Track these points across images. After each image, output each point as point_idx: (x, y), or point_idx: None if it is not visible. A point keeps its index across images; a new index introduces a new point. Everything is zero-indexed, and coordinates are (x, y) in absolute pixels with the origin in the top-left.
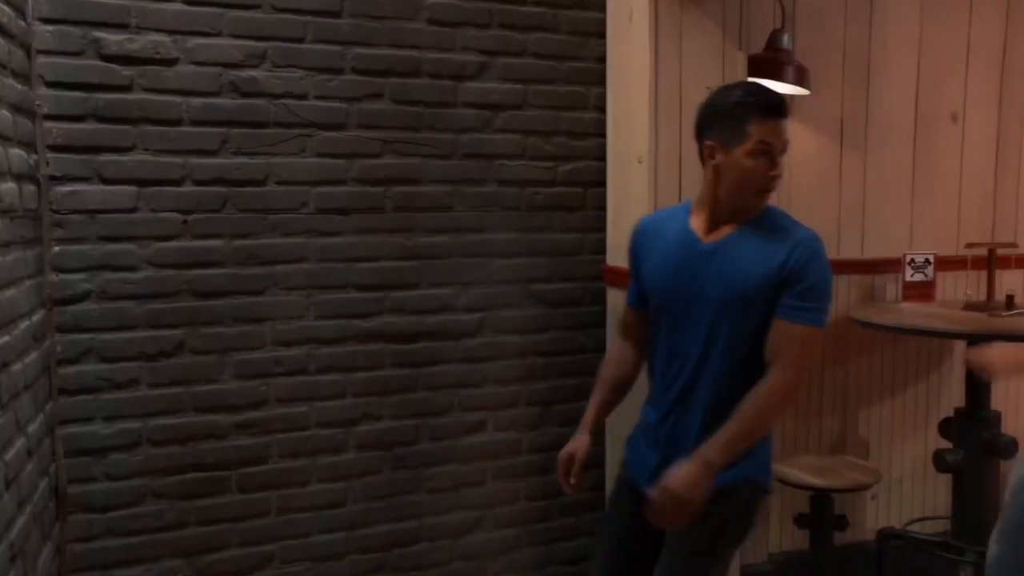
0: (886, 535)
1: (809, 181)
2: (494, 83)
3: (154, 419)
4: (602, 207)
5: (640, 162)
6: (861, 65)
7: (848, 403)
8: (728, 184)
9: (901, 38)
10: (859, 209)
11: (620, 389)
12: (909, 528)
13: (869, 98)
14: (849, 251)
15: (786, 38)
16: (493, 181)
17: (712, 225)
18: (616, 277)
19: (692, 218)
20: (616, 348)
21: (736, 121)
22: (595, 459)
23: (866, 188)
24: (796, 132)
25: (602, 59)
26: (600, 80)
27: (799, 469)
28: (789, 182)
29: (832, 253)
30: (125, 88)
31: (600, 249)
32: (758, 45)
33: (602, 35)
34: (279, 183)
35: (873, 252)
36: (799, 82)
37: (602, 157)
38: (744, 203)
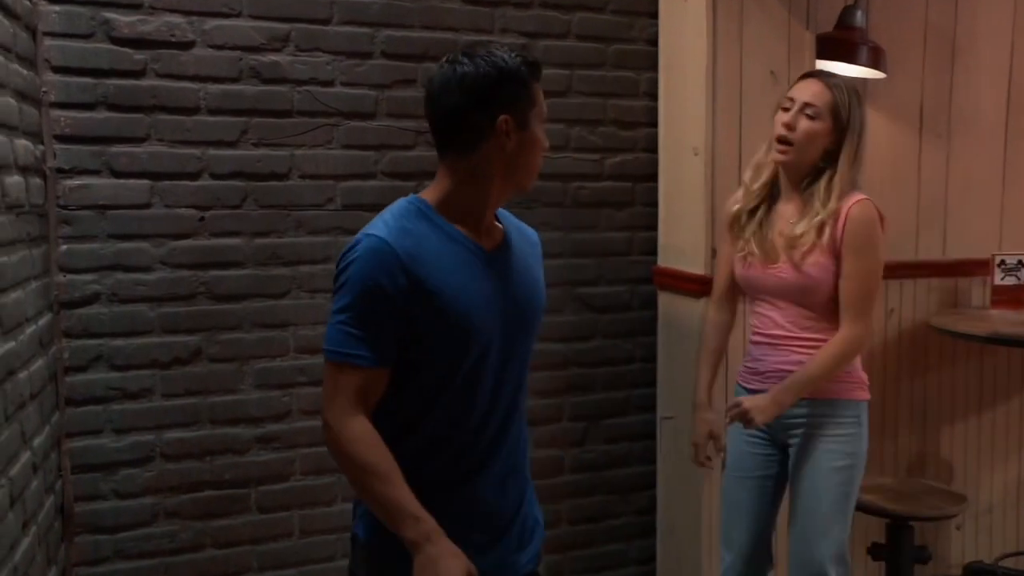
0: (974, 570)
1: (883, 174)
2: None
3: (168, 432)
4: (653, 203)
5: (696, 154)
6: (945, 46)
7: (928, 421)
8: (520, 168)
9: (993, 17)
10: (940, 205)
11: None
12: (1001, 563)
13: (953, 82)
14: (929, 251)
15: (860, 15)
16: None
17: (487, 229)
18: (669, 280)
19: (456, 227)
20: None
21: (524, 86)
22: (648, 481)
23: (948, 181)
24: (870, 119)
25: (654, 41)
26: (652, 64)
27: (873, 493)
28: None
29: (909, 253)
30: (138, 74)
31: (651, 249)
32: (828, 24)
33: (654, 14)
34: (303, 177)
35: (956, 253)
36: (874, 64)
37: (653, 148)
38: (524, 190)
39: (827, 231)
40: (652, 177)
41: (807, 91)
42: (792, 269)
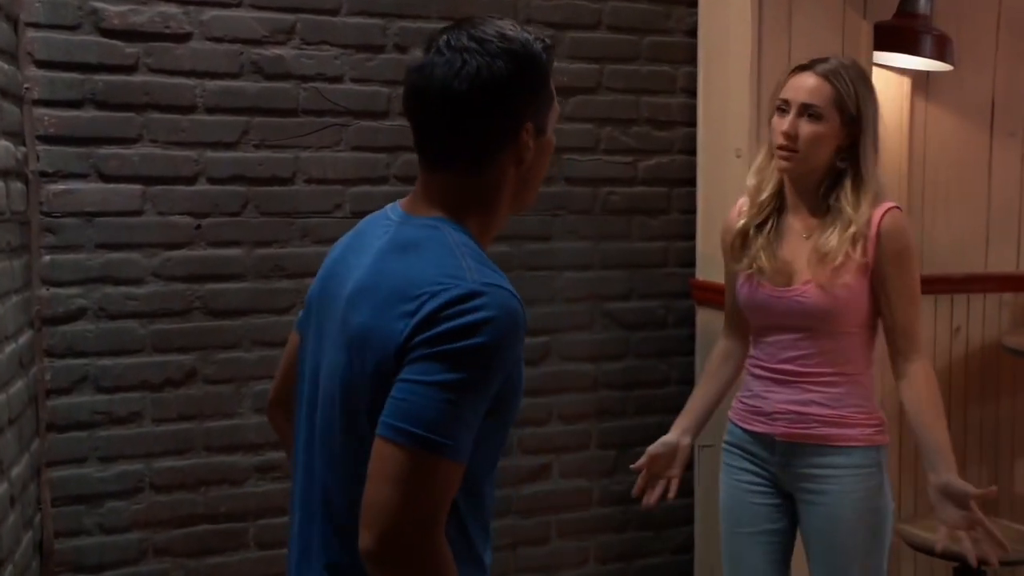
0: None
1: (949, 176)
2: (562, 62)
3: (159, 460)
4: (691, 210)
5: (739, 156)
6: (1020, 34)
7: (1000, 451)
8: (532, 183)
9: None
10: (1014, 211)
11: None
12: None
13: None
14: (1001, 263)
15: (923, 1)
16: (561, 179)
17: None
18: (708, 294)
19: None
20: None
21: (545, 79)
22: (685, 516)
23: None
24: (935, 116)
25: (692, 32)
26: (690, 58)
27: (939, 534)
28: (923, 177)
29: (978, 265)
30: (129, 69)
31: (688, 260)
32: (887, 11)
33: (693, 3)
34: (309, 181)
35: None
36: (940, 56)
37: (692, 150)
38: (526, 208)
39: (859, 245)
40: (690, 181)
41: (803, 89)
42: (818, 291)
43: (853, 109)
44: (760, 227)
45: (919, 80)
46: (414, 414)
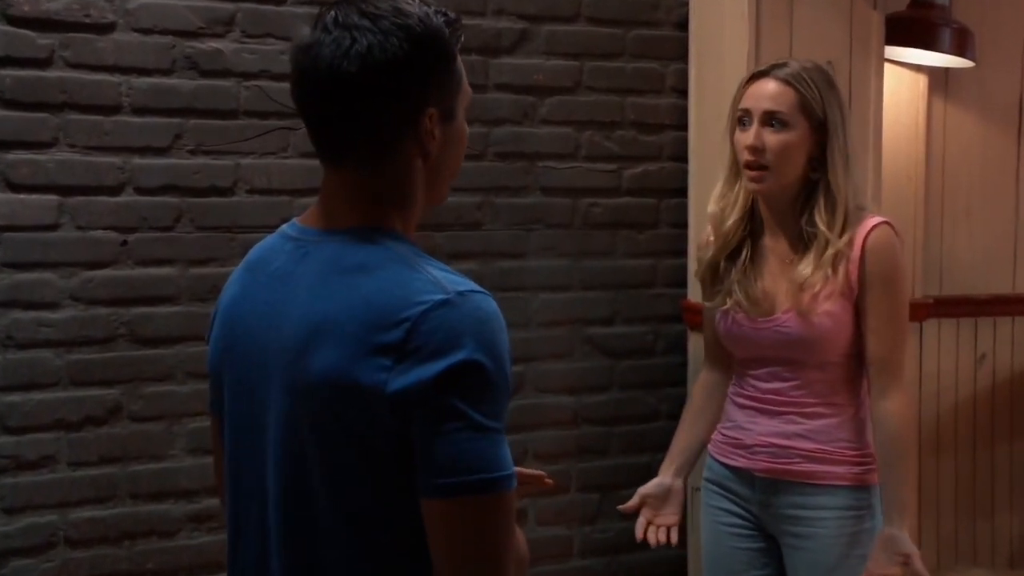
0: None
1: (971, 185)
2: (537, 58)
3: (76, 511)
4: (682, 224)
5: None
6: None
7: None
8: (443, 176)
9: None
10: None
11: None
12: None
13: None
14: None
15: None
16: (536, 189)
17: None
18: (701, 318)
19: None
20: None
21: (449, 58)
22: (677, 567)
23: None
24: (954, 118)
25: (683, 25)
26: (680, 53)
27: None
28: (942, 186)
29: (1005, 285)
30: (42, 63)
31: (679, 280)
32: (900, 1)
33: None
34: (251, 191)
35: None
36: (959, 51)
37: (683, 157)
38: (438, 204)
39: (841, 266)
40: (681, 192)
41: (764, 97)
42: (798, 320)
43: (820, 113)
44: (732, 257)
45: (937, 78)
46: (464, 463)
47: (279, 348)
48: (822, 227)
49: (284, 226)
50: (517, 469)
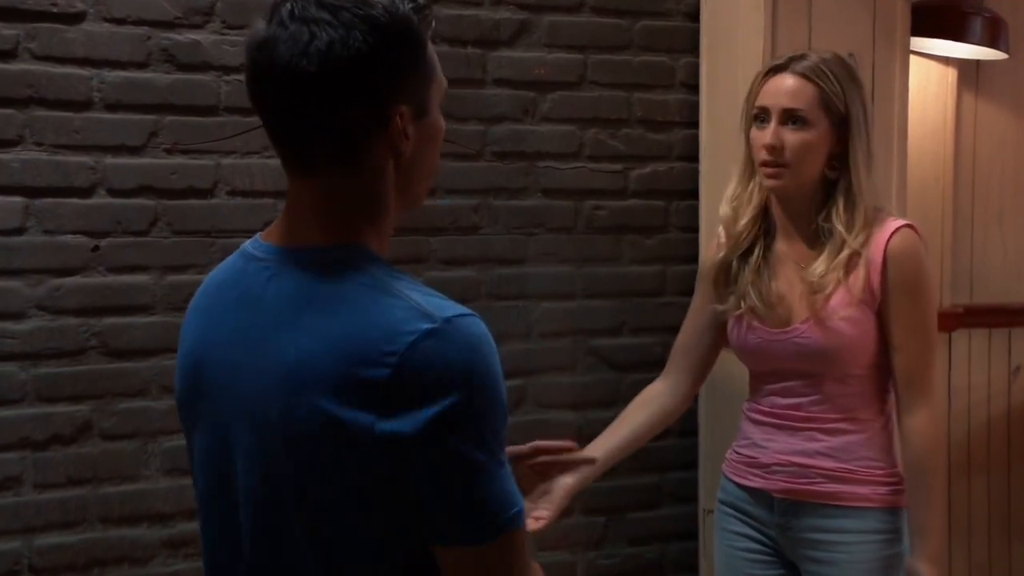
0: None
1: (1003, 186)
2: (538, 51)
3: (41, 536)
4: (693, 227)
5: None
6: None
7: None
8: (417, 178)
9: None
10: None
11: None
12: None
13: None
14: None
15: None
16: (537, 191)
17: None
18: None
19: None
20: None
21: (420, 49)
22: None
23: None
24: (986, 113)
25: (694, 15)
26: (691, 45)
27: None
28: (972, 187)
29: None
30: (6, 55)
31: (689, 287)
32: None
33: None
34: (232, 193)
35: None
36: (991, 42)
37: (693, 156)
38: (415, 207)
39: (861, 270)
40: (691, 193)
41: (782, 93)
42: (817, 329)
43: (842, 109)
44: (744, 258)
45: (967, 71)
46: (475, 509)
47: (253, 387)
48: (839, 227)
49: (245, 244)
50: (542, 444)
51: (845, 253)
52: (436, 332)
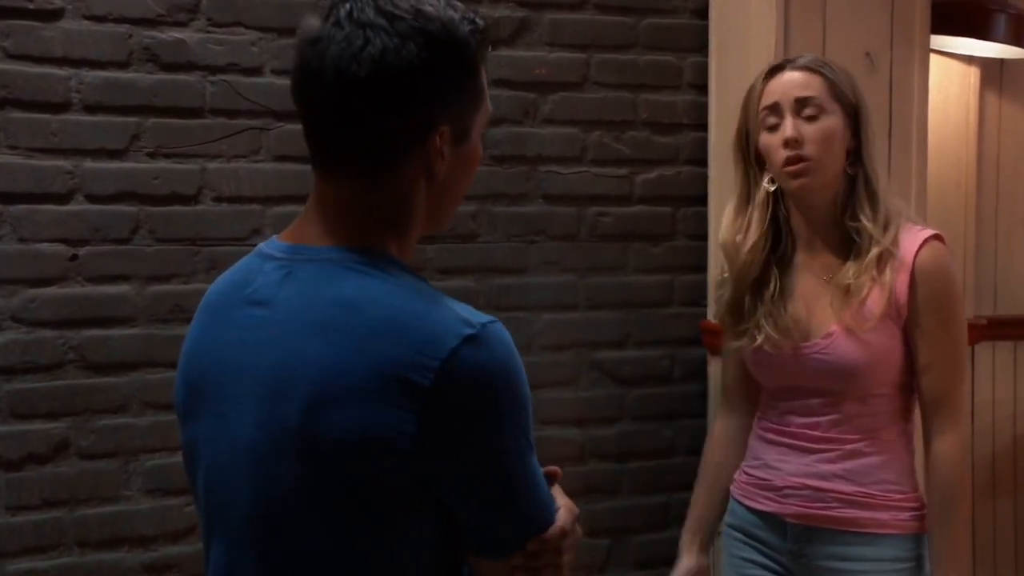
0: None
1: None
2: (539, 50)
3: (15, 561)
4: (701, 235)
5: None
6: None
7: None
8: (447, 201)
9: None
10: None
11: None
12: None
13: None
14: None
15: None
16: (538, 196)
17: None
18: (723, 340)
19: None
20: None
21: (472, 72)
22: None
23: None
24: (1011, 115)
25: (703, 12)
26: (699, 44)
27: None
28: (996, 193)
29: None
30: None
31: (698, 298)
32: None
33: None
34: (218, 199)
35: None
36: (1015, 39)
37: (702, 160)
38: (439, 230)
39: (888, 274)
40: (700, 199)
41: (790, 85)
42: (845, 340)
43: (852, 98)
44: (758, 288)
45: (990, 70)
46: (517, 516)
47: (264, 386)
48: (867, 224)
49: (261, 245)
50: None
51: (875, 251)
52: (476, 338)
